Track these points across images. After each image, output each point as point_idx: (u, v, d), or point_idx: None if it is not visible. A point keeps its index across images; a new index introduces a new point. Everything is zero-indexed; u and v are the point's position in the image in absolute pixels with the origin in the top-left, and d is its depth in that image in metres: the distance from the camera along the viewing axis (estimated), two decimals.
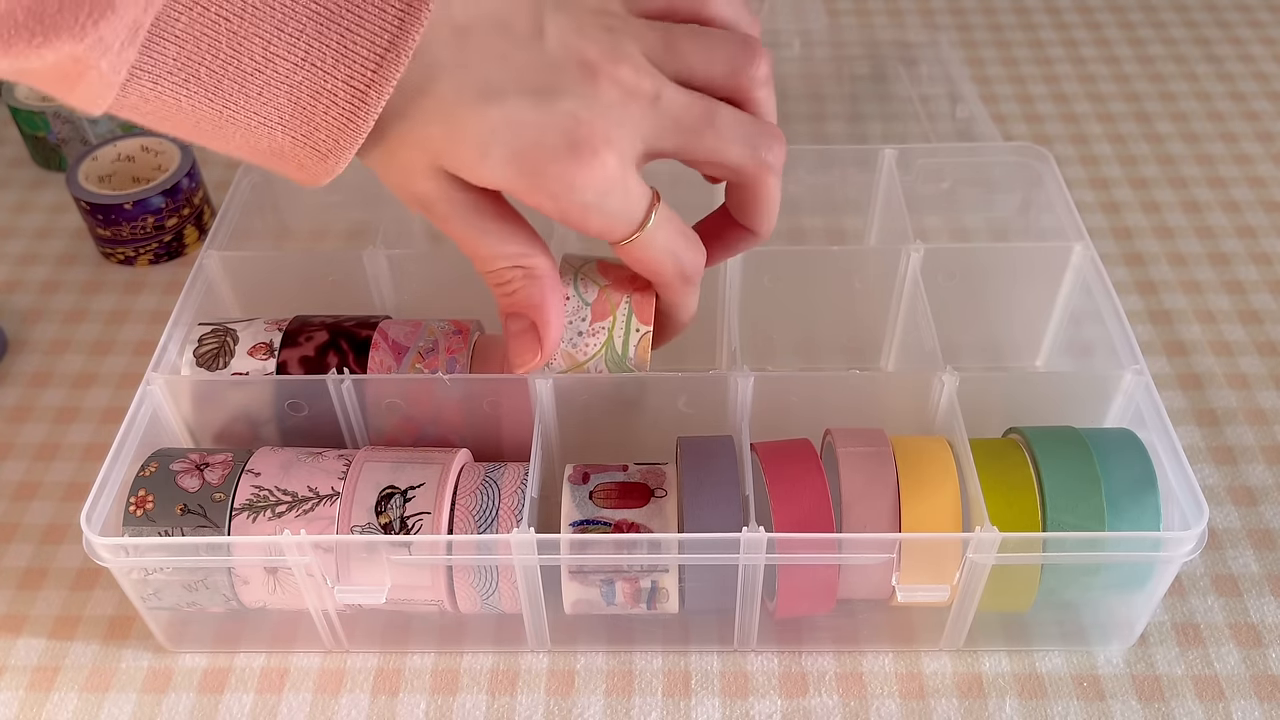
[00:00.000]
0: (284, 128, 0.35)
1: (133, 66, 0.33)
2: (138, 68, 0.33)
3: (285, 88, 0.34)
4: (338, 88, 0.35)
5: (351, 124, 0.35)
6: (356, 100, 0.35)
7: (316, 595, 0.45)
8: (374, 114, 0.35)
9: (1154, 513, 0.44)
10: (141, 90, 0.33)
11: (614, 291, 0.47)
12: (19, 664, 0.48)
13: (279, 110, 0.35)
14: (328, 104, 0.35)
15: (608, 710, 0.46)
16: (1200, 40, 0.86)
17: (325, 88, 0.35)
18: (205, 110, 0.35)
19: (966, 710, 0.46)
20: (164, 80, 0.33)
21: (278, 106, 0.35)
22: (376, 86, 0.35)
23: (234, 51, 0.33)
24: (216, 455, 0.47)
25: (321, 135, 0.36)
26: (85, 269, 0.68)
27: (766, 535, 0.42)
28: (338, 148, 0.36)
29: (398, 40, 0.34)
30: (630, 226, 0.40)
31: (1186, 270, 0.66)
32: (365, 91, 0.35)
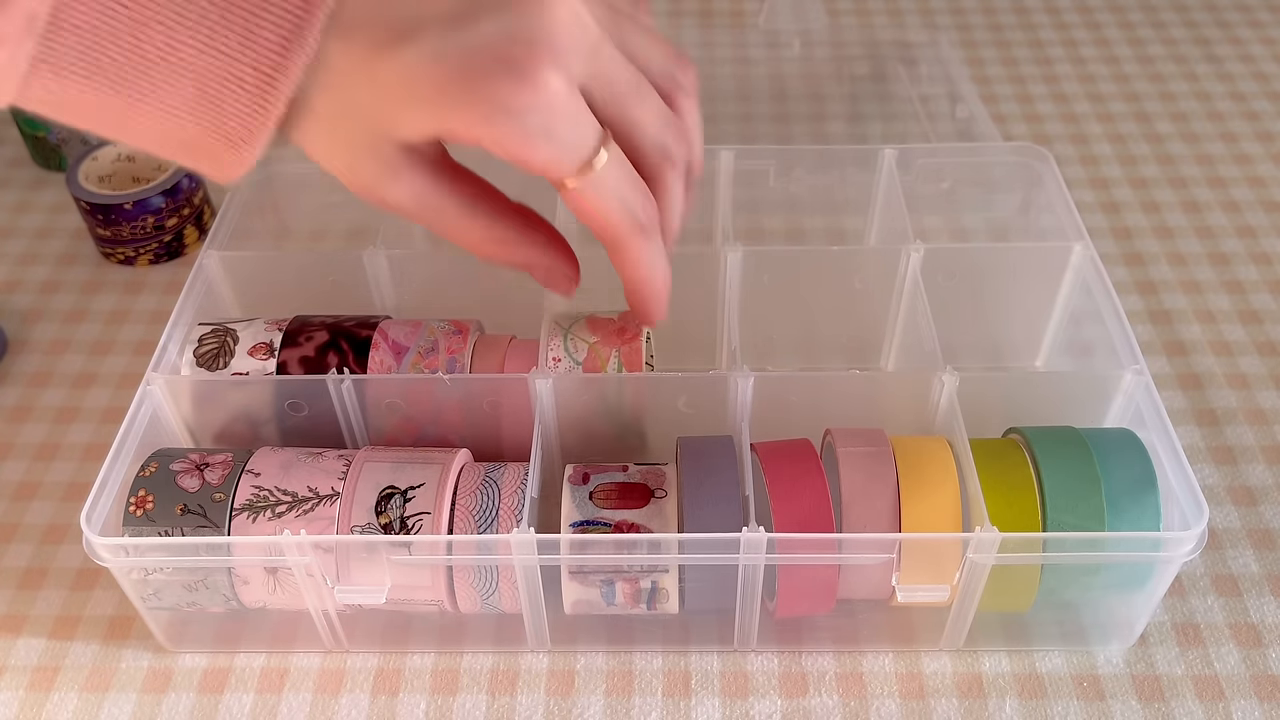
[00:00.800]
0: (193, 117, 0.35)
1: (34, 59, 0.32)
2: (39, 59, 0.32)
3: (190, 75, 0.34)
4: (245, 73, 0.34)
5: (262, 110, 0.34)
6: (265, 85, 0.34)
7: (316, 595, 0.45)
8: (283, 99, 0.34)
9: (1154, 513, 0.44)
10: (44, 82, 0.33)
11: (603, 347, 0.48)
12: (19, 664, 0.48)
13: (185, 99, 0.34)
14: (236, 90, 0.34)
15: (608, 710, 0.46)
16: (1200, 40, 0.86)
17: (232, 74, 0.34)
18: (111, 101, 0.34)
19: (966, 710, 0.46)
20: (66, 72, 0.33)
21: (184, 96, 0.34)
22: (284, 70, 0.34)
23: (135, 40, 0.33)
24: (216, 455, 0.47)
25: (232, 124, 0.35)
26: (85, 269, 0.68)
27: (766, 535, 0.42)
28: (250, 136, 0.35)
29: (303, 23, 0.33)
30: (579, 159, 0.37)
31: (1186, 270, 0.66)
32: (273, 77, 0.34)
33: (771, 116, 0.75)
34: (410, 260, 0.56)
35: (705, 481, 0.45)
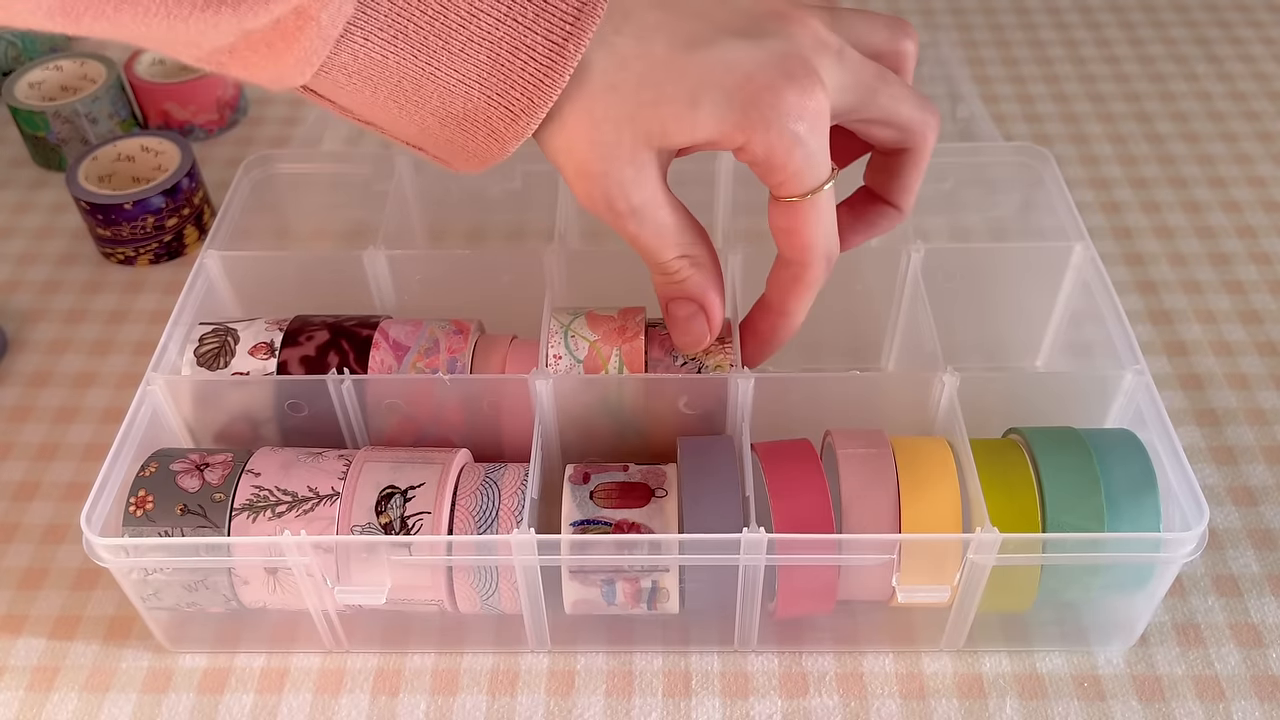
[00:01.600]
0: (480, 85, 0.36)
1: (348, 22, 0.34)
2: (352, 23, 0.34)
3: (486, 43, 0.35)
4: (536, 42, 0.35)
5: (547, 79, 0.36)
6: (554, 54, 0.35)
7: (316, 595, 0.45)
8: (569, 68, 0.36)
9: (1154, 513, 0.44)
10: (352, 47, 0.34)
11: (604, 345, 0.48)
12: (19, 664, 0.48)
13: (478, 67, 0.36)
14: (525, 59, 0.36)
15: (608, 710, 0.46)
16: (1200, 40, 0.86)
17: (524, 43, 0.35)
18: (409, 68, 0.35)
19: (967, 710, 0.46)
20: (374, 36, 0.34)
21: (477, 63, 0.36)
22: (574, 39, 0.35)
23: (441, 7, 0.34)
24: (216, 455, 0.46)
25: (516, 93, 0.36)
26: (85, 269, 0.68)
27: (766, 536, 0.42)
28: (531, 106, 0.36)
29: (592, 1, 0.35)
30: (819, 178, 0.40)
31: (1186, 270, 0.66)
32: (563, 45, 0.35)
33: None
34: (410, 260, 0.56)
35: (705, 481, 0.45)
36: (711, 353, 0.49)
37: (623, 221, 0.41)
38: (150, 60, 0.77)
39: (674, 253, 0.42)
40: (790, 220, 0.41)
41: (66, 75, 0.75)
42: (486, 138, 0.38)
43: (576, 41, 0.35)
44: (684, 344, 0.46)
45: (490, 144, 0.38)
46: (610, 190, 0.39)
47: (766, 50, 0.38)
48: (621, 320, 0.50)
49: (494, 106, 0.37)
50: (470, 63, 0.36)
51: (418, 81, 0.36)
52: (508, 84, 0.36)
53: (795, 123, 0.38)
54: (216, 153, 0.77)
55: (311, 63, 0.34)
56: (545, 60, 0.36)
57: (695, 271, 0.43)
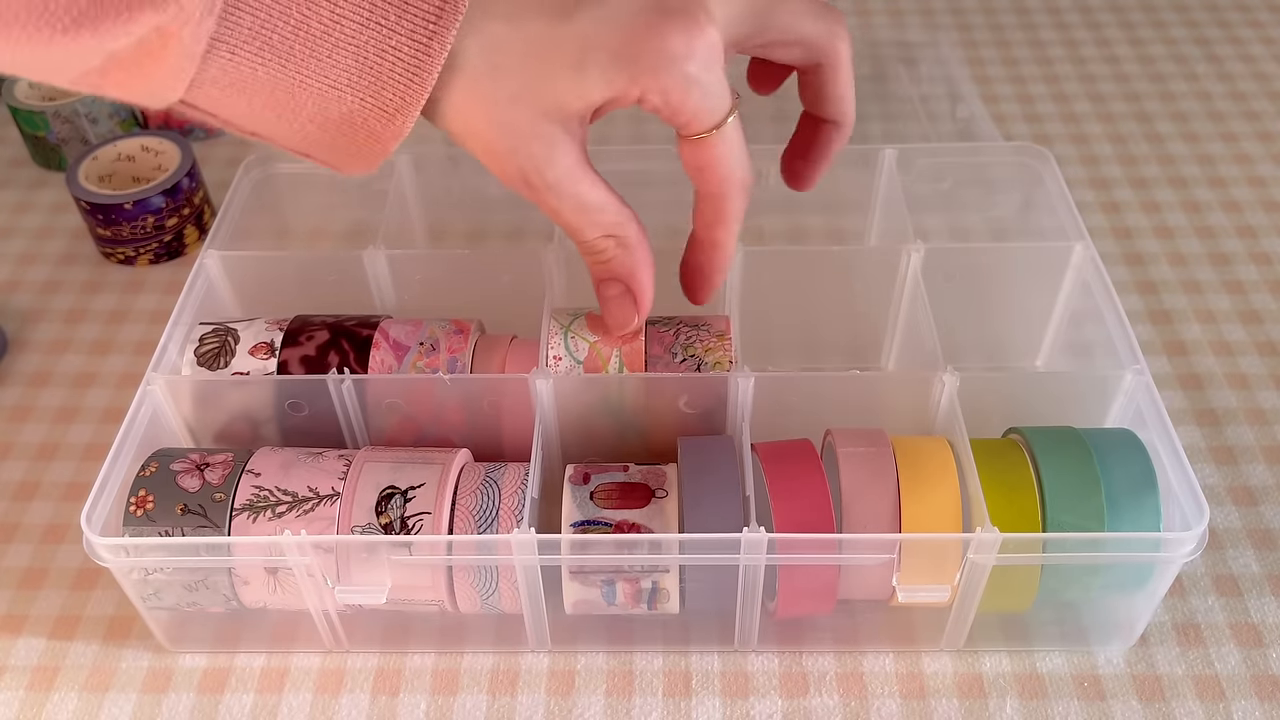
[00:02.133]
0: (351, 89, 0.36)
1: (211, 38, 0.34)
2: (216, 38, 0.34)
3: (352, 48, 0.36)
4: (400, 43, 0.36)
5: (416, 78, 0.36)
6: (419, 53, 0.36)
7: (317, 595, 0.45)
8: (437, 65, 0.36)
9: (1154, 513, 0.44)
10: (220, 62, 0.35)
11: (604, 346, 0.48)
12: (19, 664, 0.48)
13: (347, 72, 0.36)
14: (392, 60, 0.36)
15: (608, 710, 0.46)
16: (1200, 40, 0.86)
17: (389, 45, 0.36)
18: (279, 78, 0.36)
19: (967, 710, 0.46)
20: (240, 50, 0.35)
21: (345, 68, 0.36)
22: (438, 37, 0.36)
23: (303, 16, 0.35)
24: (217, 455, 0.46)
25: (388, 93, 0.37)
26: (85, 269, 0.68)
27: (767, 535, 0.42)
28: (404, 105, 0.37)
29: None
30: (721, 111, 0.40)
31: (1186, 270, 0.66)
32: (427, 44, 0.36)
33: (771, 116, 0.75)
34: (410, 260, 0.56)
35: (705, 481, 0.45)
36: (711, 350, 0.49)
37: (541, 197, 0.41)
38: None
39: (597, 231, 0.42)
40: (701, 157, 0.41)
41: None
42: (367, 138, 0.38)
43: (440, 39, 0.36)
44: (611, 324, 0.46)
45: (372, 144, 0.38)
46: (523, 166, 0.40)
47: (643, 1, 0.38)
48: None
49: (369, 109, 0.37)
50: (339, 68, 0.36)
51: (290, 90, 0.36)
52: (378, 85, 0.36)
53: (685, 64, 0.38)
54: (216, 153, 0.77)
55: (181, 79, 0.34)
56: (411, 59, 0.36)
57: (621, 251, 0.43)
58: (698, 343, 0.50)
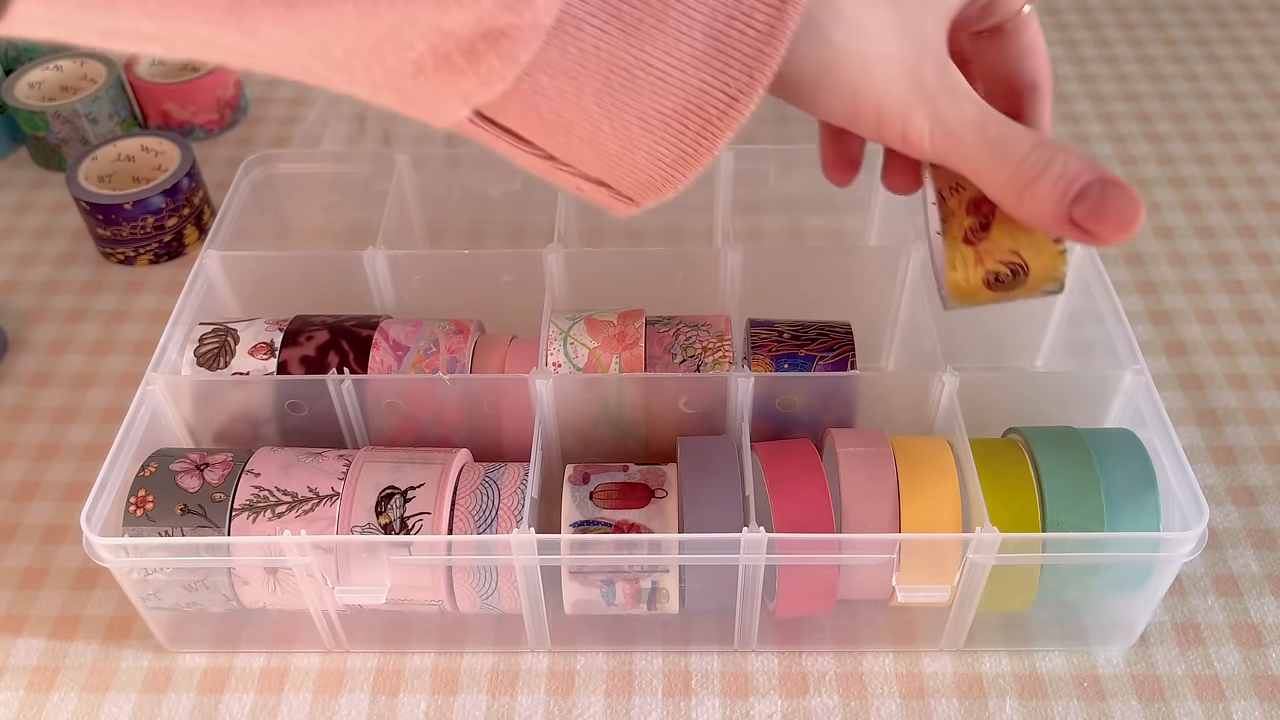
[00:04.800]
0: (696, 69, 0.33)
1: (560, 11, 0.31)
2: (564, 12, 0.31)
3: (702, 17, 0.32)
4: (755, 7, 0.32)
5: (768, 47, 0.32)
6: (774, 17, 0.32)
7: (316, 595, 0.45)
8: (789, 29, 0.32)
9: (1154, 513, 0.44)
10: (563, 39, 0.31)
11: (603, 352, 0.48)
12: (19, 664, 0.48)
13: (695, 45, 0.32)
14: (742, 29, 0.32)
15: (608, 710, 0.46)
16: (1200, 40, 0.86)
17: (742, 10, 0.32)
18: (620, 56, 0.32)
19: (967, 710, 0.46)
20: (587, 23, 0.31)
21: (694, 41, 0.32)
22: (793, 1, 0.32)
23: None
24: (216, 455, 0.46)
25: (735, 70, 0.33)
26: (85, 269, 0.68)
27: (767, 535, 0.42)
28: (750, 84, 0.33)
29: None
30: None
31: (1186, 270, 0.66)
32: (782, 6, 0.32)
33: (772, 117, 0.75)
34: (410, 260, 0.56)
35: (705, 481, 0.45)
36: (711, 350, 0.49)
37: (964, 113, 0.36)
38: (150, 60, 0.77)
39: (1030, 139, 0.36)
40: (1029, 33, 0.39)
41: (66, 75, 0.75)
42: (696, 136, 0.34)
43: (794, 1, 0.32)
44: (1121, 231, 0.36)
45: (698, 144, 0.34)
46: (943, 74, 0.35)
47: None
48: (621, 326, 0.50)
49: (710, 90, 0.33)
50: (685, 41, 0.32)
51: (629, 71, 0.32)
52: (725, 60, 0.32)
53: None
54: (216, 153, 0.77)
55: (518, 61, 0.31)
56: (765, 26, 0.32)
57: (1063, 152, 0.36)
58: (697, 343, 0.50)
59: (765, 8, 0.32)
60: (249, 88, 0.82)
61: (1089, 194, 0.36)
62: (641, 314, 0.51)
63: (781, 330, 0.50)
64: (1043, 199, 0.36)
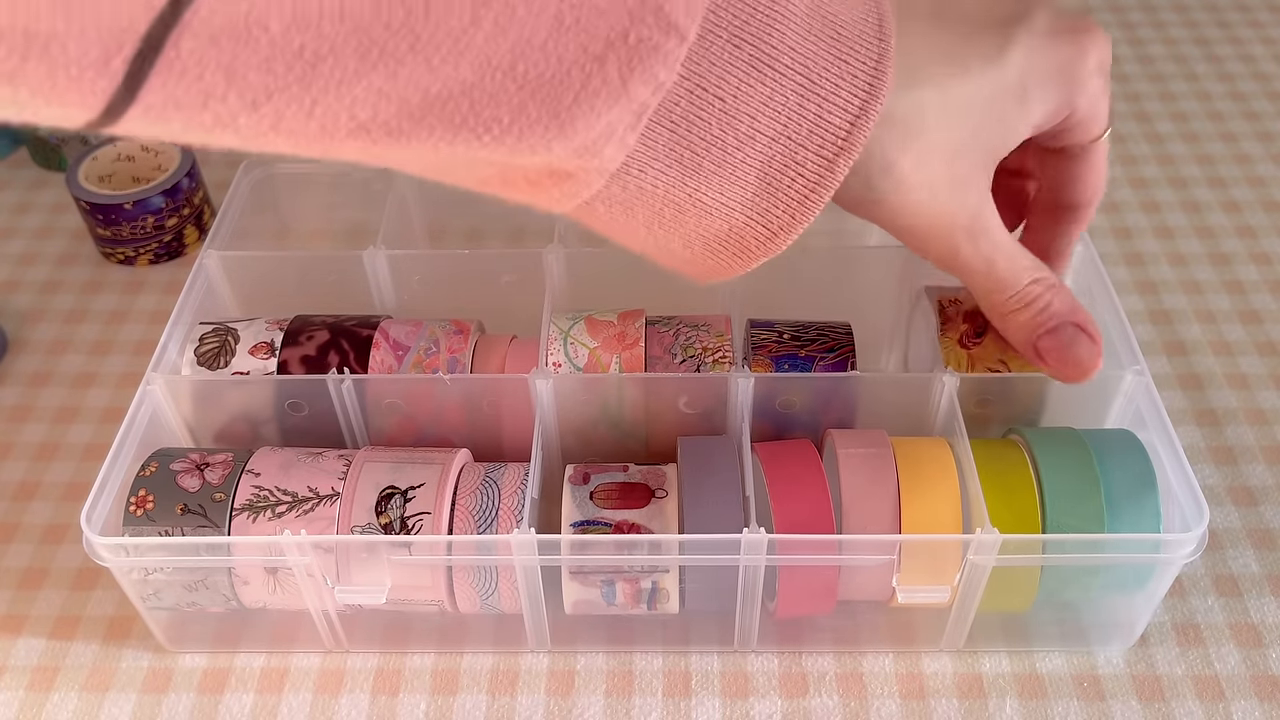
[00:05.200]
0: (744, 208, 0.33)
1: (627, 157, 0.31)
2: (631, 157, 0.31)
3: (757, 164, 0.32)
4: (806, 159, 0.33)
5: (812, 197, 0.33)
6: (823, 171, 0.33)
7: (316, 595, 0.45)
8: (836, 182, 0.33)
9: (1154, 514, 0.44)
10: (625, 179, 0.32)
11: (603, 352, 0.48)
12: (19, 664, 0.48)
13: (745, 189, 0.33)
14: (793, 177, 0.33)
15: (608, 710, 0.46)
16: (1200, 40, 0.86)
17: (794, 160, 0.33)
18: (676, 194, 0.32)
19: (967, 711, 0.46)
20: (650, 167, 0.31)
21: (745, 185, 0.33)
22: (845, 153, 0.33)
23: (721, 132, 0.32)
24: (216, 455, 0.46)
25: (779, 211, 0.34)
26: (85, 269, 0.68)
27: (767, 536, 0.42)
28: (790, 224, 0.34)
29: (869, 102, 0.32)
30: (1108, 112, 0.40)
31: (1186, 270, 0.66)
32: (834, 160, 0.33)
33: None
34: (410, 260, 0.56)
35: (705, 481, 0.45)
36: (711, 350, 0.49)
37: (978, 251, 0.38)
38: None
39: (1027, 276, 0.40)
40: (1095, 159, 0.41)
41: None
42: (732, 257, 0.35)
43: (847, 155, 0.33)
44: (1075, 372, 0.41)
45: (734, 262, 0.35)
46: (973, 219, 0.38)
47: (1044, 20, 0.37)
48: (621, 326, 0.50)
49: (752, 227, 0.34)
50: (739, 184, 0.33)
51: (680, 207, 0.33)
52: (772, 204, 0.33)
53: (1095, 72, 0.38)
54: (216, 153, 0.76)
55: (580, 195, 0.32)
56: (815, 177, 0.33)
57: (1053, 292, 0.40)
58: (697, 343, 0.50)
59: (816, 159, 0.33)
60: None
61: (1059, 334, 0.41)
62: (642, 314, 0.51)
63: (781, 331, 0.50)
64: (1020, 326, 0.41)
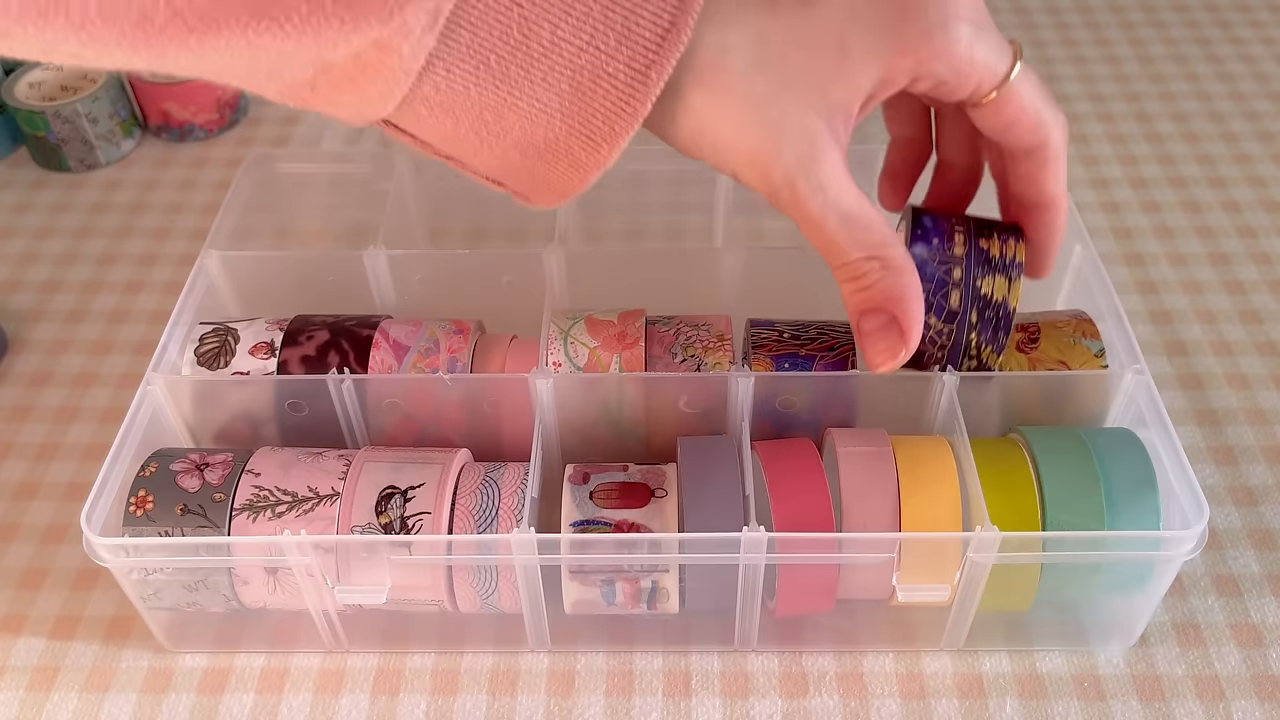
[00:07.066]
0: (562, 115, 0.35)
1: (430, 54, 0.33)
2: (434, 56, 0.33)
3: (568, 72, 0.34)
4: (618, 70, 0.34)
5: (628, 107, 0.34)
6: (635, 81, 0.34)
7: (317, 595, 0.45)
8: (651, 95, 0.34)
9: (1154, 512, 0.44)
10: (434, 80, 0.33)
11: (604, 352, 0.48)
12: (19, 664, 0.48)
13: (559, 96, 0.34)
14: (606, 88, 0.34)
15: (608, 710, 0.46)
16: (1200, 40, 0.86)
17: (606, 71, 0.34)
18: (490, 98, 0.34)
19: (967, 710, 0.46)
20: (456, 68, 0.33)
21: (559, 92, 0.34)
22: (657, 66, 0.34)
23: (523, 37, 0.33)
24: (216, 455, 0.46)
25: (597, 122, 0.35)
26: (85, 269, 0.68)
27: (767, 535, 0.42)
28: (612, 135, 0.35)
29: (678, 19, 0.34)
30: (1007, 58, 0.37)
31: (1186, 270, 0.66)
32: (644, 73, 0.34)
33: None
34: (410, 260, 0.56)
35: (705, 481, 0.45)
36: (711, 350, 0.49)
37: (801, 207, 0.38)
38: None
39: (861, 251, 0.38)
40: (1005, 113, 0.39)
41: (66, 75, 0.75)
42: (568, 168, 0.36)
43: (660, 68, 0.34)
44: (873, 361, 0.40)
45: (571, 174, 0.37)
46: (788, 167, 0.37)
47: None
48: (621, 326, 0.50)
49: (575, 136, 0.35)
50: (552, 92, 0.34)
51: (499, 112, 0.35)
52: (589, 113, 0.35)
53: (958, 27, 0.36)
54: (216, 153, 0.77)
55: (393, 97, 0.33)
56: (626, 88, 0.34)
57: (886, 274, 0.39)
58: (697, 343, 0.50)
59: (628, 70, 0.34)
60: None
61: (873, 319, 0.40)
62: (642, 314, 0.51)
63: (782, 330, 0.50)
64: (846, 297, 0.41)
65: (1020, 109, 0.39)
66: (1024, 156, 0.41)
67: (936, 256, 0.44)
